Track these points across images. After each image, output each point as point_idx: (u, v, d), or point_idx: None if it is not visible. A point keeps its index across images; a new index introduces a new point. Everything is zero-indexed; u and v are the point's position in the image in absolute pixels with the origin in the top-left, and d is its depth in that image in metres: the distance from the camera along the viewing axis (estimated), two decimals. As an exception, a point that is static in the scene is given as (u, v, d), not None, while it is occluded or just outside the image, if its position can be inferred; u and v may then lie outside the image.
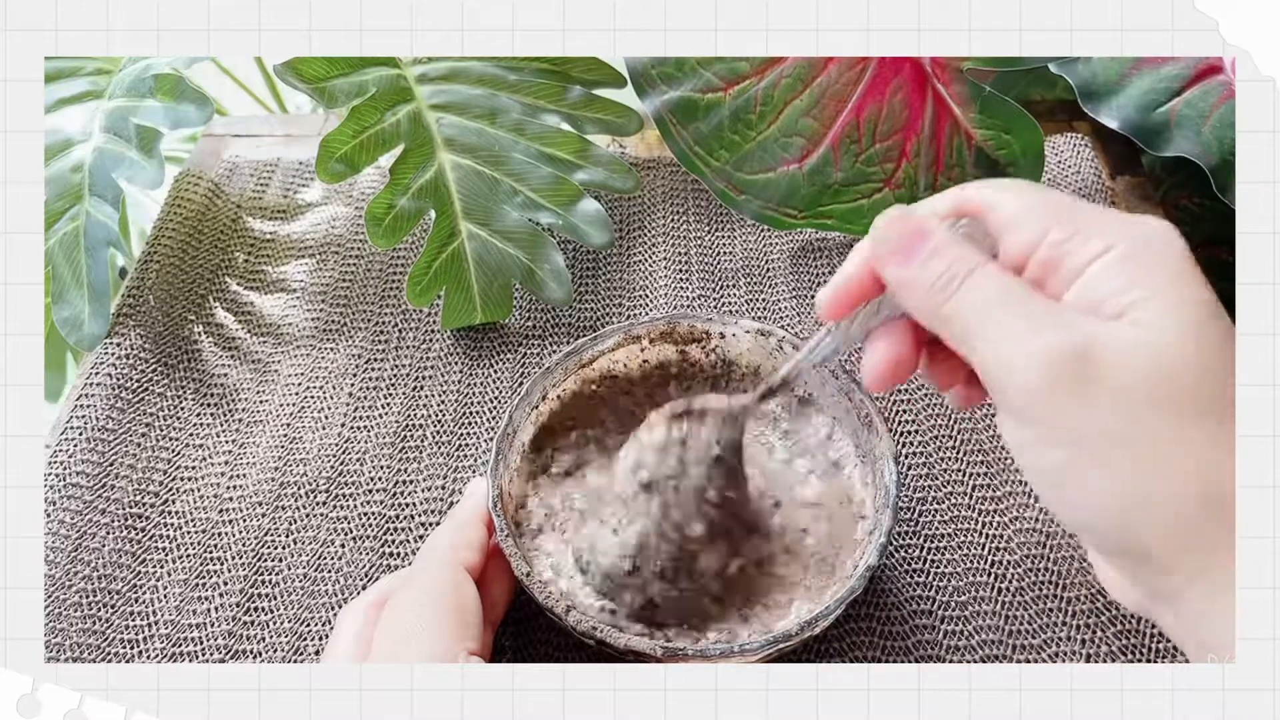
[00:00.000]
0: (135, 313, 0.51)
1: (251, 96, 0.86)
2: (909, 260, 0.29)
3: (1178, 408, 0.25)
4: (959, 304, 0.27)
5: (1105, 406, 0.25)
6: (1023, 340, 0.26)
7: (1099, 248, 0.27)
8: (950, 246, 0.28)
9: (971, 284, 0.27)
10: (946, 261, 0.28)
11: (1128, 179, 0.57)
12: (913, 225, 0.29)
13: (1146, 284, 0.26)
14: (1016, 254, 0.28)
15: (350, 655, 0.32)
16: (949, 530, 0.42)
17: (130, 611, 0.41)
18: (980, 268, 0.28)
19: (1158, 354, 0.25)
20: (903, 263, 0.29)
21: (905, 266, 0.29)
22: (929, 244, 0.28)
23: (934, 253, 0.28)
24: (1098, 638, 0.38)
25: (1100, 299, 0.26)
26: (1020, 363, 0.26)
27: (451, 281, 0.49)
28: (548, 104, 0.52)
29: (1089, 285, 0.27)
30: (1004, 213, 0.29)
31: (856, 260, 0.31)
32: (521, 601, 0.38)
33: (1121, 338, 0.25)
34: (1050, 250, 0.27)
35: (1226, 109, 0.49)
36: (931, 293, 0.28)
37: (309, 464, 0.45)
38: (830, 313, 0.32)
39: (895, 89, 0.48)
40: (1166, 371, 0.25)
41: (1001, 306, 0.27)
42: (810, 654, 0.38)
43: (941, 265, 0.28)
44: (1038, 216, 0.28)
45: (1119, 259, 0.26)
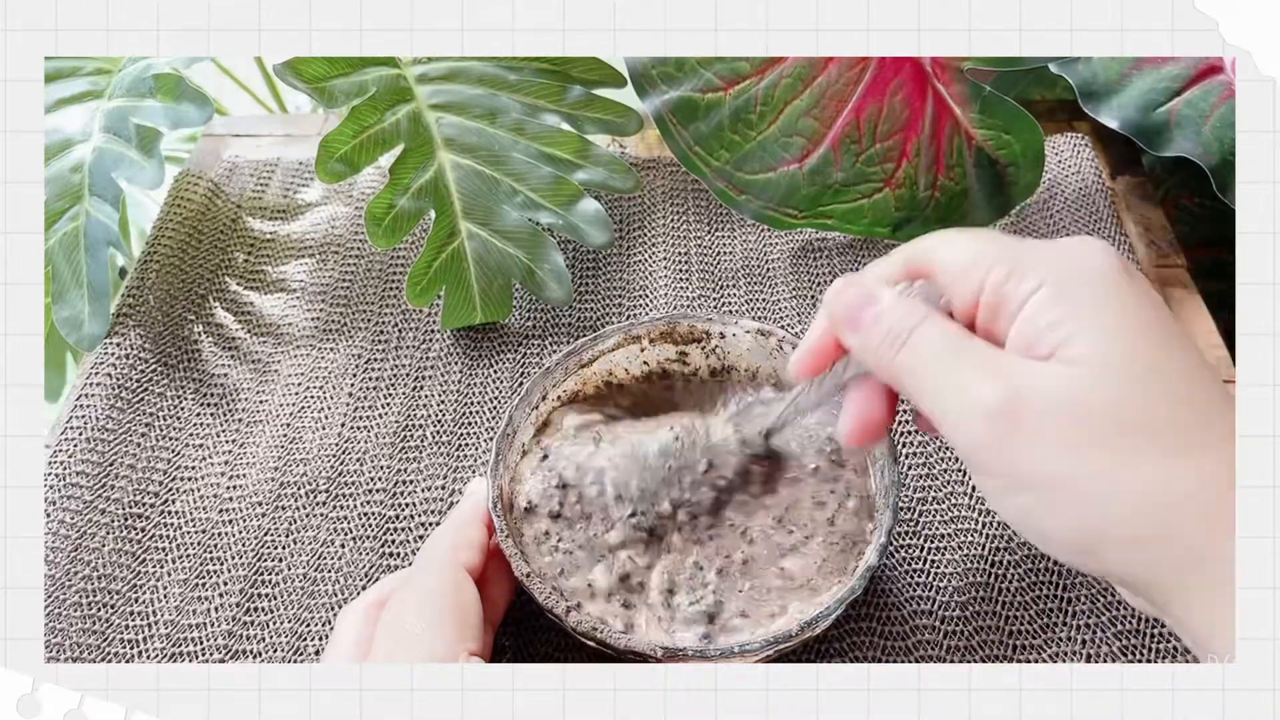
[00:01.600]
0: (135, 313, 0.51)
1: (251, 96, 0.86)
2: (859, 324, 0.30)
3: (1112, 439, 0.25)
4: (906, 360, 0.29)
5: (1043, 450, 0.26)
6: (960, 394, 0.27)
7: (1031, 286, 0.27)
8: (895, 307, 0.30)
9: (915, 338, 0.29)
10: (892, 319, 0.29)
11: (1128, 179, 0.57)
12: (859, 292, 0.31)
13: (1075, 318, 0.27)
14: (965, 303, 0.29)
15: (350, 655, 0.32)
16: (949, 530, 0.42)
17: (130, 611, 0.41)
18: (923, 322, 0.29)
19: (1084, 390, 0.26)
20: (854, 327, 0.30)
21: (857, 331, 0.30)
22: (876, 305, 0.30)
23: (880, 314, 0.30)
24: (1098, 638, 0.38)
25: (1034, 338, 0.27)
26: (962, 417, 0.27)
27: (451, 281, 0.49)
28: (548, 104, 0.52)
29: (1024, 325, 0.27)
30: (946, 265, 0.30)
31: (818, 326, 0.33)
32: (521, 601, 0.38)
33: (1049, 381, 0.26)
34: (991, 293, 0.28)
35: (1226, 109, 0.49)
36: (881, 351, 0.29)
37: (309, 464, 0.45)
38: (801, 373, 0.34)
39: (895, 89, 0.48)
40: (1095, 406, 0.26)
41: (943, 359, 0.28)
42: (810, 654, 0.38)
43: (886, 325, 0.29)
44: (977, 262, 0.29)
45: (1048, 295, 0.27)
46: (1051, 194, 0.55)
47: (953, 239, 0.30)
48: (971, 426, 0.27)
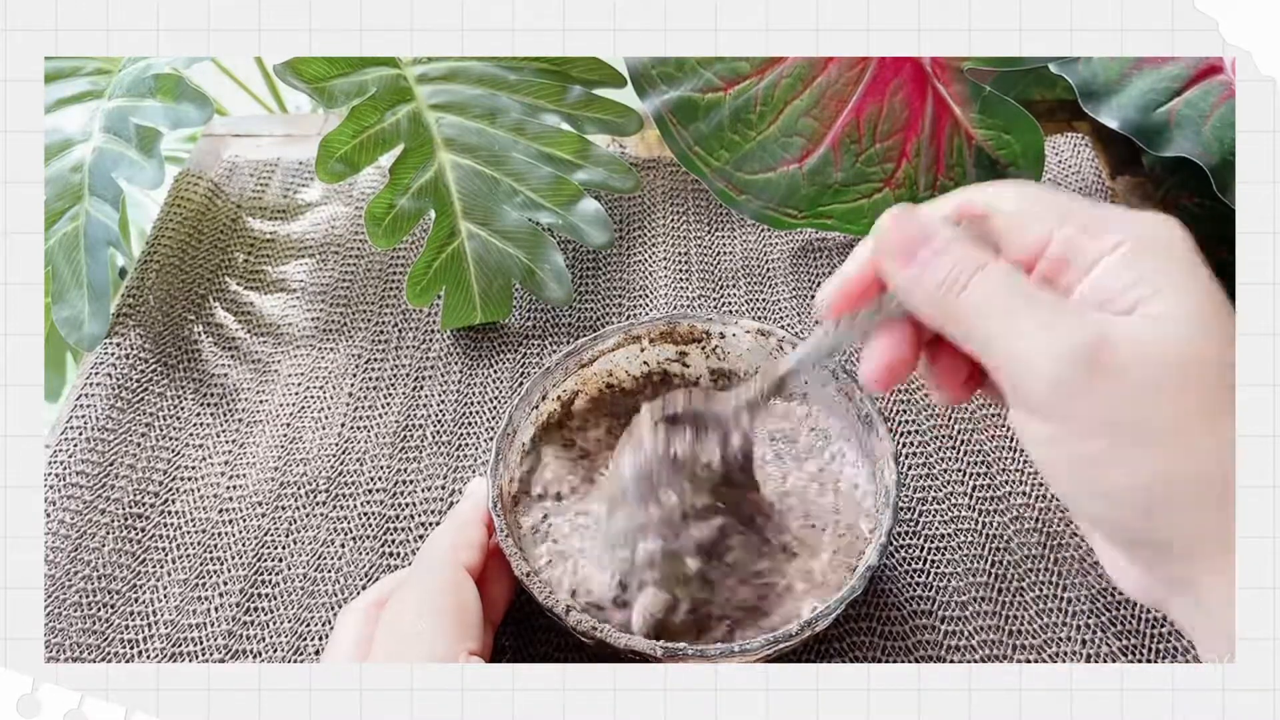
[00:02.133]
0: (135, 313, 0.51)
1: (251, 96, 0.86)
2: (913, 261, 0.28)
3: (1195, 397, 0.25)
4: (967, 303, 0.27)
5: (1125, 398, 0.25)
6: (1037, 337, 0.26)
7: (1108, 244, 0.27)
8: (954, 245, 0.28)
9: (979, 282, 0.27)
10: (952, 260, 0.28)
11: (1128, 179, 0.57)
12: (916, 225, 0.29)
13: (1156, 278, 0.26)
14: (1025, 253, 0.28)
15: (350, 655, 0.32)
16: (949, 530, 0.42)
17: (130, 611, 0.41)
18: (987, 265, 0.27)
19: (1173, 345, 0.25)
20: (906, 264, 0.28)
21: (909, 267, 0.28)
22: (933, 244, 0.28)
23: (938, 252, 0.28)
24: (1098, 638, 0.38)
25: (1111, 294, 0.26)
26: (1037, 359, 0.26)
27: (451, 281, 0.49)
28: (548, 104, 0.52)
29: (1099, 281, 0.27)
30: (1009, 214, 0.29)
31: (858, 259, 0.30)
32: (521, 601, 0.38)
33: (1136, 330, 0.26)
34: (1059, 248, 0.27)
35: (1226, 109, 0.49)
36: (938, 293, 0.28)
37: (309, 464, 0.45)
38: (831, 311, 0.31)
39: (895, 89, 0.48)
40: (1183, 362, 0.25)
41: (1012, 303, 0.27)
42: (810, 654, 0.38)
43: (947, 264, 0.28)
44: (1044, 215, 0.28)
45: (1128, 254, 0.27)
46: (1051, 194, 0.55)
47: (1018, 188, 0.29)
48: (1047, 370, 0.26)
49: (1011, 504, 0.42)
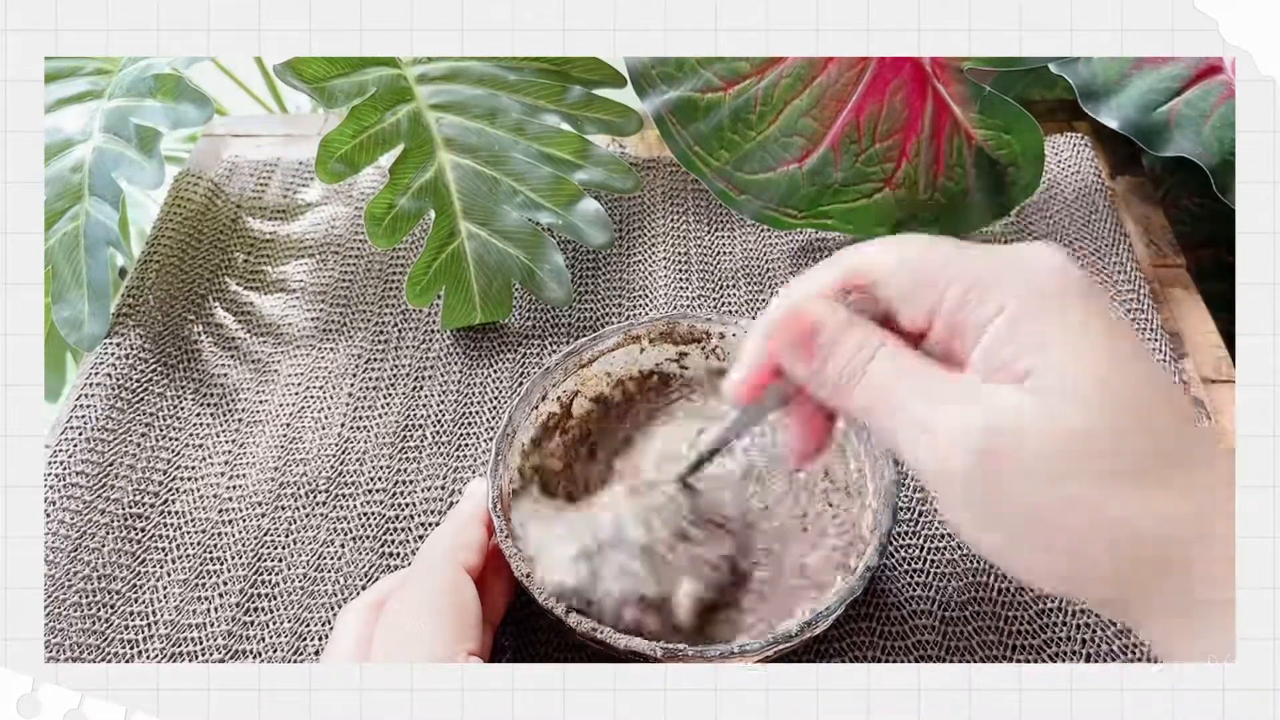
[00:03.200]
0: (135, 313, 0.51)
1: (251, 96, 0.86)
2: (808, 358, 0.29)
3: (1091, 471, 0.25)
4: (862, 395, 0.27)
5: (1024, 483, 0.25)
6: (934, 431, 0.26)
7: (993, 309, 0.26)
8: (845, 334, 0.28)
9: (872, 373, 0.27)
10: (845, 352, 0.28)
11: (1128, 179, 0.57)
12: (804, 322, 0.29)
13: (1040, 344, 0.25)
14: (916, 322, 0.28)
15: (350, 656, 0.32)
16: (949, 530, 0.42)
17: (130, 611, 0.41)
18: (879, 351, 0.27)
19: (1061, 422, 0.25)
20: (804, 361, 0.29)
21: (807, 365, 0.29)
22: (824, 335, 0.28)
23: (830, 346, 0.28)
24: (1098, 638, 0.38)
25: (1001, 363, 0.26)
26: (926, 459, 0.26)
27: (451, 281, 0.49)
28: (548, 104, 0.52)
29: (989, 350, 0.26)
30: (899, 282, 0.28)
31: (756, 347, 0.31)
32: (521, 601, 0.38)
33: (1024, 409, 0.25)
34: (949, 315, 0.27)
35: (1226, 109, 0.49)
36: (838, 388, 0.28)
37: (309, 464, 0.45)
38: (741, 400, 0.32)
39: (895, 89, 0.48)
40: (1073, 438, 0.25)
41: (907, 393, 0.27)
42: (810, 654, 0.38)
43: (842, 357, 0.28)
44: (928, 282, 0.27)
45: (1011, 320, 0.26)
46: (1051, 194, 0.55)
47: (900, 248, 0.28)
48: (944, 461, 0.26)
49: (1011, 504, 0.42)
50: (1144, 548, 0.24)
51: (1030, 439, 0.25)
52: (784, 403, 0.31)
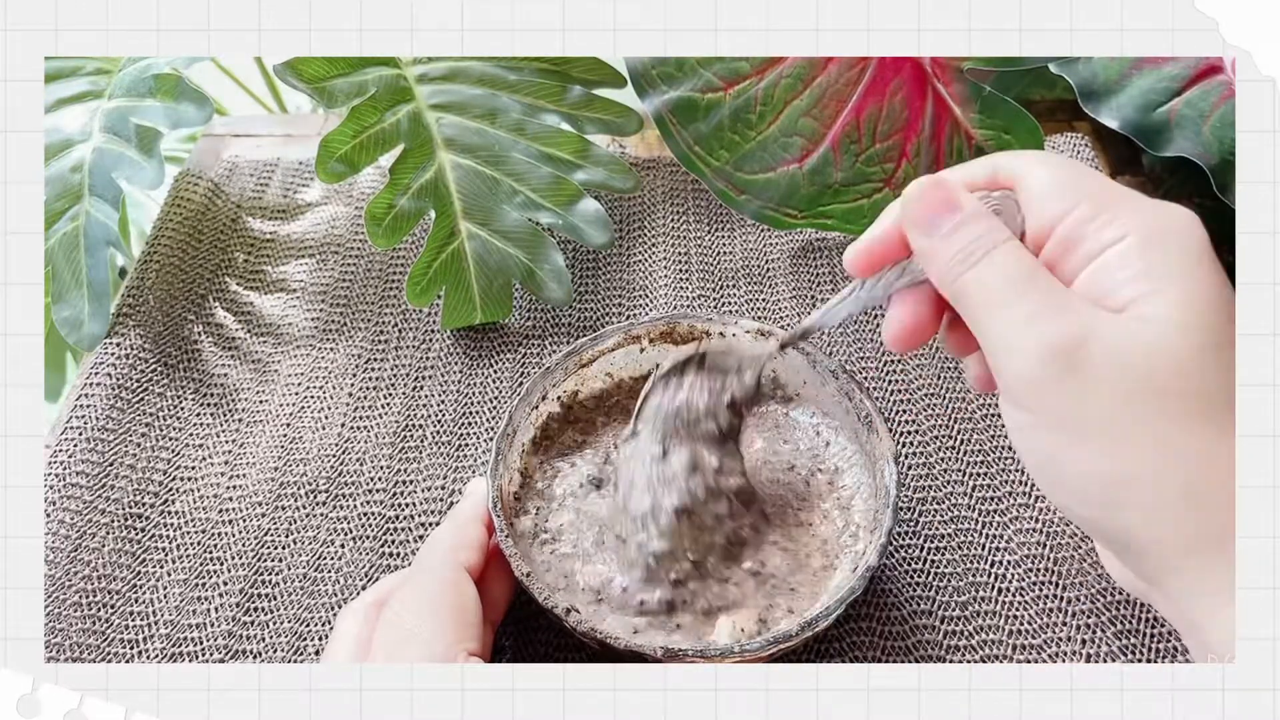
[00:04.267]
0: (135, 313, 0.51)
1: (251, 96, 0.86)
2: (934, 229, 0.29)
3: (1163, 403, 0.25)
4: (973, 280, 0.28)
5: (1092, 396, 0.26)
6: (1023, 327, 0.27)
7: (1116, 234, 0.27)
8: (976, 220, 0.28)
9: (989, 261, 0.28)
10: (970, 235, 0.28)
11: (1128, 179, 0.57)
12: (943, 195, 0.29)
13: (1155, 278, 0.26)
14: (1040, 228, 0.28)
15: (350, 655, 0.32)
16: (949, 530, 0.42)
17: (130, 611, 0.41)
18: (1001, 245, 0.28)
19: (1150, 349, 0.26)
20: (928, 231, 0.29)
21: (930, 235, 0.29)
22: (956, 215, 0.29)
23: (960, 225, 0.28)
24: (1098, 638, 0.38)
25: (1109, 288, 0.27)
26: (1018, 349, 0.27)
27: (451, 281, 0.49)
28: (548, 104, 0.52)
29: (1100, 272, 0.27)
30: (1033, 185, 0.29)
31: (887, 221, 0.31)
32: (521, 601, 0.38)
33: (1118, 331, 0.26)
34: (1070, 229, 0.28)
35: (1226, 109, 0.49)
36: (951, 265, 0.28)
37: (309, 464, 0.45)
38: (857, 269, 0.32)
39: (895, 89, 0.48)
40: (1156, 367, 0.25)
41: (1011, 289, 0.27)
42: (810, 654, 0.38)
43: (965, 239, 0.28)
44: (1065, 192, 0.28)
45: (1133, 249, 0.27)
46: (1051, 194, 0.55)
47: (1046, 160, 0.29)
48: (1026, 360, 0.26)
49: (1011, 504, 0.42)
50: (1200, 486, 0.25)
51: (1115, 357, 0.26)
52: (897, 287, 0.31)
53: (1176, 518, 0.25)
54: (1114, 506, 0.26)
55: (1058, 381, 0.26)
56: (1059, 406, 0.26)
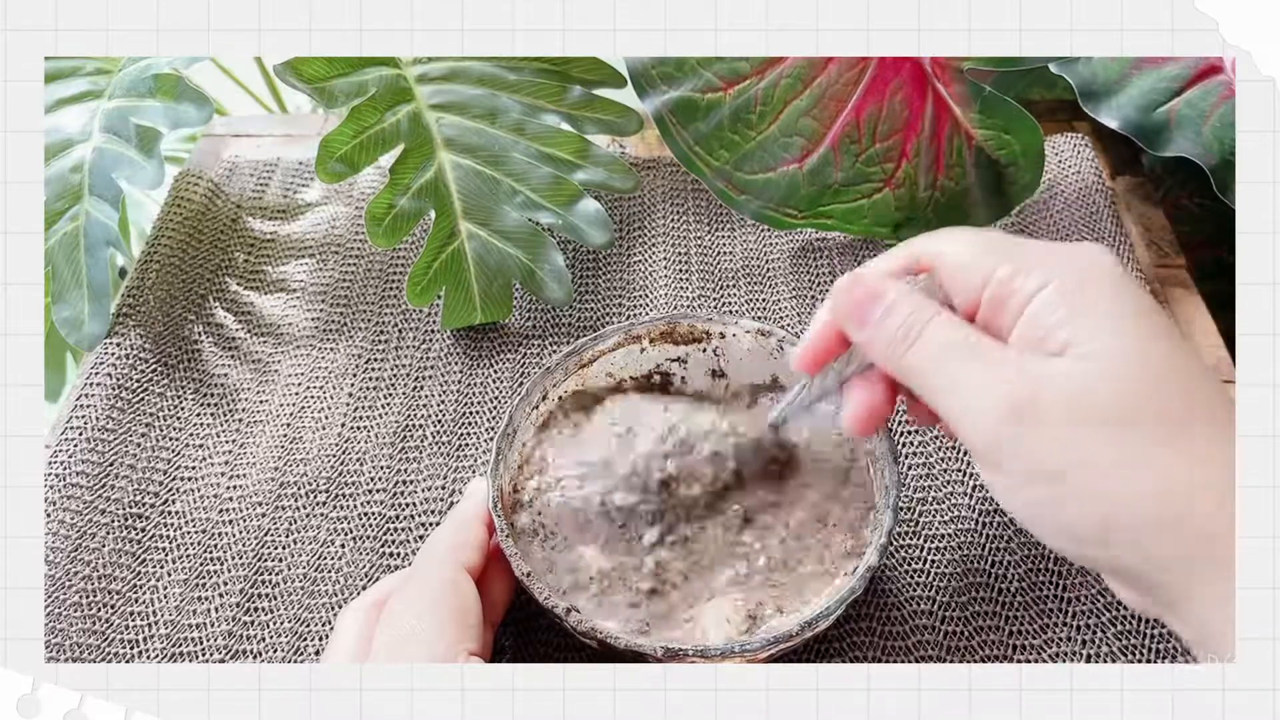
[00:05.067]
0: (135, 313, 0.51)
1: (251, 96, 0.86)
2: (866, 320, 0.31)
3: (1127, 431, 0.26)
4: (916, 357, 0.29)
5: (1055, 444, 0.26)
6: (974, 394, 0.28)
7: (1038, 283, 0.28)
8: (902, 302, 0.30)
9: (926, 336, 0.29)
10: (901, 316, 0.30)
11: (1128, 179, 0.57)
12: (866, 289, 0.31)
13: (1084, 315, 0.27)
14: (968, 299, 0.30)
15: (351, 655, 0.32)
16: (949, 530, 0.42)
17: (130, 611, 0.41)
18: (934, 319, 0.29)
19: (1098, 384, 0.26)
20: (861, 324, 0.31)
21: (863, 327, 0.31)
22: (883, 303, 0.30)
23: (889, 310, 0.30)
24: (1098, 638, 0.38)
25: (1043, 333, 0.27)
26: (974, 415, 0.28)
27: (451, 281, 0.49)
28: (548, 104, 0.52)
29: (1032, 322, 0.28)
30: (950, 260, 0.30)
31: (821, 321, 0.33)
32: (521, 601, 0.38)
33: (1064, 375, 0.27)
34: (995, 291, 0.29)
35: (1226, 109, 0.49)
36: (891, 347, 0.30)
37: (309, 464, 0.45)
38: (804, 368, 0.34)
39: (895, 89, 0.48)
40: (1108, 401, 0.26)
41: (955, 357, 0.28)
42: (810, 654, 0.38)
43: (897, 320, 0.30)
44: (980, 259, 0.29)
45: (1056, 294, 0.28)
46: (1051, 194, 0.55)
47: (956, 235, 0.31)
48: (984, 424, 0.27)
49: (1011, 504, 0.42)
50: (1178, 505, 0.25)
51: (1068, 401, 0.26)
52: (847, 376, 0.33)
53: (1167, 541, 0.26)
54: (1107, 544, 0.27)
55: (1019, 438, 0.27)
56: (1027, 461, 0.27)
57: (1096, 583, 0.39)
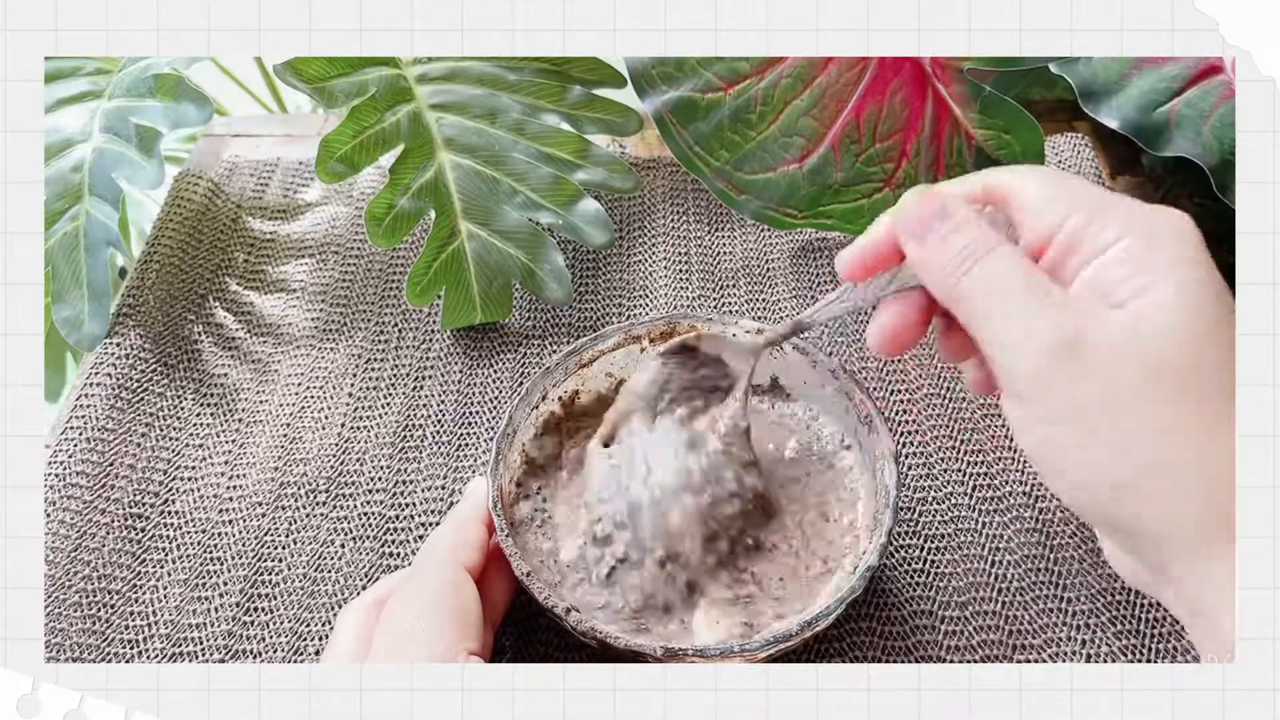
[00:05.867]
0: (135, 313, 0.51)
1: (251, 96, 0.86)
2: (929, 236, 0.30)
3: (1164, 390, 0.26)
4: (971, 283, 0.28)
5: (1095, 386, 0.26)
6: (1023, 323, 0.27)
7: (1113, 236, 0.28)
8: (969, 226, 0.29)
9: (986, 264, 0.28)
10: (964, 240, 0.29)
11: (1128, 179, 0.57)
12: (936, 203, 0.30)
13: (1151, 274, 0.27)
14: (1037, 238, 0.29)
15: (350, 655, 0.32)
16: (949, 530, 0.42)
17: (130, 611, 0.41)
18: (996, 249, 0.28)
19: (1148, 338, 0.26)
20: (922, 238, 0.30)
21: (924, 243, 0.30)
22: (950, 222, 0.29)
23: (953, 230, 0.29)
24: (1098, 638, 0.38)
25: (1107, 286, 0.27)
26: (1020, 345, 0.27)
27: (451, 281, 0.49)
28: (548, 104, 0.52)
29: (1098, 273, 0.28)
30: (1026, 199, 0.30)
31: (880, 228, 0.32)
32: (521, 601, 0.38)
33: (1119, 323, 0.27)
34: (1067, 236, 0.28)
35: (1226, 109, 0.49)
36: (947, 270, 0.29)
37: (309, 464, 0.45)
38: (849, 273, 0.33)
39: (895, 89, 0.48)
40: (1155, 355, 0.26)
41: (1010, 289, 0.28)
42: (810, 654, 0.38)
43: (960, 243, 0.29)
44: (1058, 202, 0.29)
45: (1130, 248, 0.27)
46: (1051, 194, 0.55)
47: (1038, 174, 0.30)
48: (1028, 355, 0.27)
49: (1011, 504, 0.42)
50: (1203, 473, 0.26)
51: (1117, 347, 0.26)
52: (887, 293, 0.32)
53: (1184, 503, 0.26)
54: (1121, 495, 0.27)
55: (1061, 374, 0.27)
56: (1063, 398, 0.27)
57: (1097, 582, 0.39)
